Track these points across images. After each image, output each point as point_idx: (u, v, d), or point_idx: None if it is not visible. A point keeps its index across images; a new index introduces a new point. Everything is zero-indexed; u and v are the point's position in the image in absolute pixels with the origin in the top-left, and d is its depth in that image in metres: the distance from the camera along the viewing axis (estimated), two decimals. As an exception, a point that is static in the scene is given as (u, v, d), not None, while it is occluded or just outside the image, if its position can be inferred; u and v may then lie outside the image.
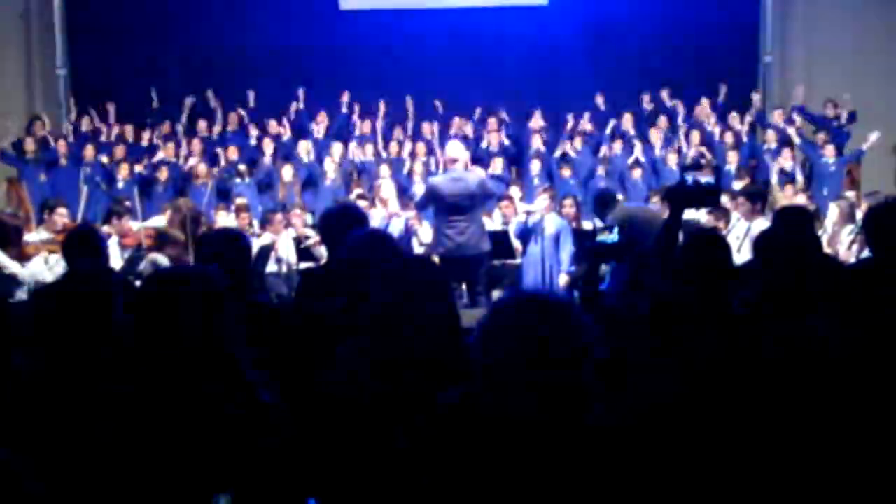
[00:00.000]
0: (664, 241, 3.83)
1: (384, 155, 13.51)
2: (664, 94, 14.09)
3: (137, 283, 6.70)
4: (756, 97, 14.26)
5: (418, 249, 9.13)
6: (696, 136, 13.36)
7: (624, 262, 5.32)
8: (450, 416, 2.39)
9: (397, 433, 2.55)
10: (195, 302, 2.52)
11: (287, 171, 12.75)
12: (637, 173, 12.62)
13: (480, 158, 12.54)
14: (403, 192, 11.56)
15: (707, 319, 3.53)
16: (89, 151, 13.22)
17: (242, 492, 2.28)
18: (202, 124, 14.03)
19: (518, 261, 9.17)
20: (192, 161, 13.07)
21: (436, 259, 7.35)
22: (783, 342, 3.66)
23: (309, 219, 10.37)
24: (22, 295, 6.43)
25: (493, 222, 9.60)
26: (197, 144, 13.47)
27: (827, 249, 7.56)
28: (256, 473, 2.42)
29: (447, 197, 7.66)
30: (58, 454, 2.61)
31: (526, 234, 8.95)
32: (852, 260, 7.07)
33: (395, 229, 8.75)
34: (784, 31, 14.83)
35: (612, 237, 4.34)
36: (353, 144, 13.56)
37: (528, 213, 9.13)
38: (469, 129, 13.82)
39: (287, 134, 13.93)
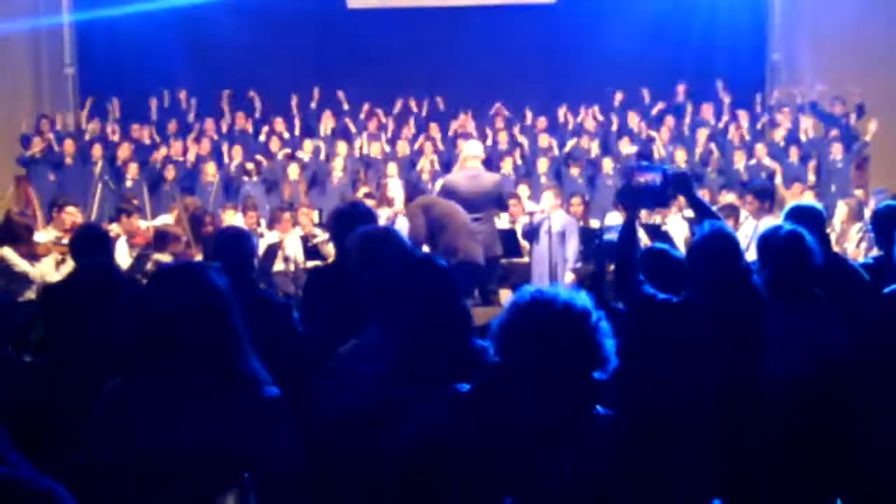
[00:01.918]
0: (623, 242, 3.82)
1: (390, 151, 13.52)
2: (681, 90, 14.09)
3: (144, 282, 6.72)
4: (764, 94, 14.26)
5: (425, 248, 9.12)
6: (702, 134, 13.33)
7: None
8: (462, 411, 2.40)
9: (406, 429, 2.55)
10: (195, 299, 2.53)
11: (293, 170, 12.75)
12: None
13: (488, 157, 12.52)
14: (412, 190, 11.56)
15: (721, 317, 3.51)
16: (97, 150, 13.24)
17: (248, 489, 2.28)
18: (209, 123, 14.04)
19: (525, 259, 9.17)
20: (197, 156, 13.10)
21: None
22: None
23: (316, 217, 10.37)
24: (31, 294, 6.45)
25: (500, 221, 9.59)
26: (204, 143, 13.48)
27: (836, 247, 7.54)
28: (260, 469, 2.42)
29: (463, 194, 7.67)
30: (64, 447, 2.62)
31: (533, 232, 8.94)
32: (861, 258, 7.04)
33: (403, 228, 8.73)
34: (791, 28, 14.79)
35: (614, 236, 4.32)
36: (360, 142, 13.57)
37: (532, 213, 9.12)
38: (474, 127, 13.80)
39: (294, 132, 13.95)
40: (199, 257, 7.09)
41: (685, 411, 3.43)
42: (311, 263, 8.91)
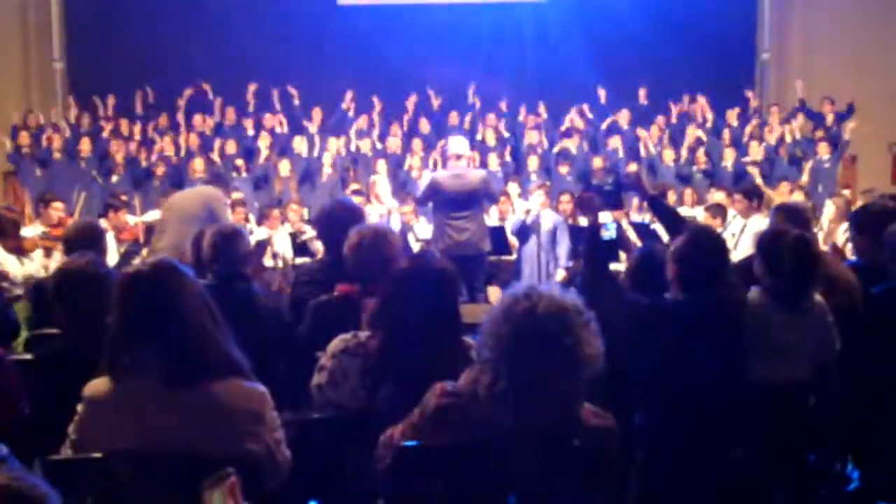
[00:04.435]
0: (587, 246, 3.83)
1: (380, 148, 13.50)
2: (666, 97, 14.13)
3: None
4: (753, 94, 14.30)
5: (415, 245, 9.12)
6: (690, 133, 13.35)
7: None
8: (451, 407, 2.40)
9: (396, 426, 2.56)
10: (174, 298, 2.52)
11: (283, 166, 12.72)
12: (633, 170, 12.59)
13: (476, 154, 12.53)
14: (401, 188, 11.55)
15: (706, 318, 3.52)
16: (85, 145, 13.18)
17: (234, 486, 2.28)
18: (199, 118, 14.00)
19: (514, 257, 9.18)
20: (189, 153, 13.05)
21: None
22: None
23: (305, 214, 10.35)
24: (18, 291, 6.41)
25: (489, 218, 9.60)
26: (193, 139, 13.44)
27: (823, 247, 7.57)
28: (247, 466, 2.42)
29: (448, 192, 7.68)
30: (51, 444, 2.62)
31: (522, 230, 8.95)
32: (849, 258, 7.07)
33: (391, 225, 8.73)
34: (782, 27, 14.83)
35: (610, 234, 4.32)
36: (350, 139, 13.55)
37: (528, 210, 9.13)
38: (466, 124, 13.80)
39: (284, 129, 13.91)
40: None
41: (672, 411, 3.44)
42: (299, 260, 8.91)
